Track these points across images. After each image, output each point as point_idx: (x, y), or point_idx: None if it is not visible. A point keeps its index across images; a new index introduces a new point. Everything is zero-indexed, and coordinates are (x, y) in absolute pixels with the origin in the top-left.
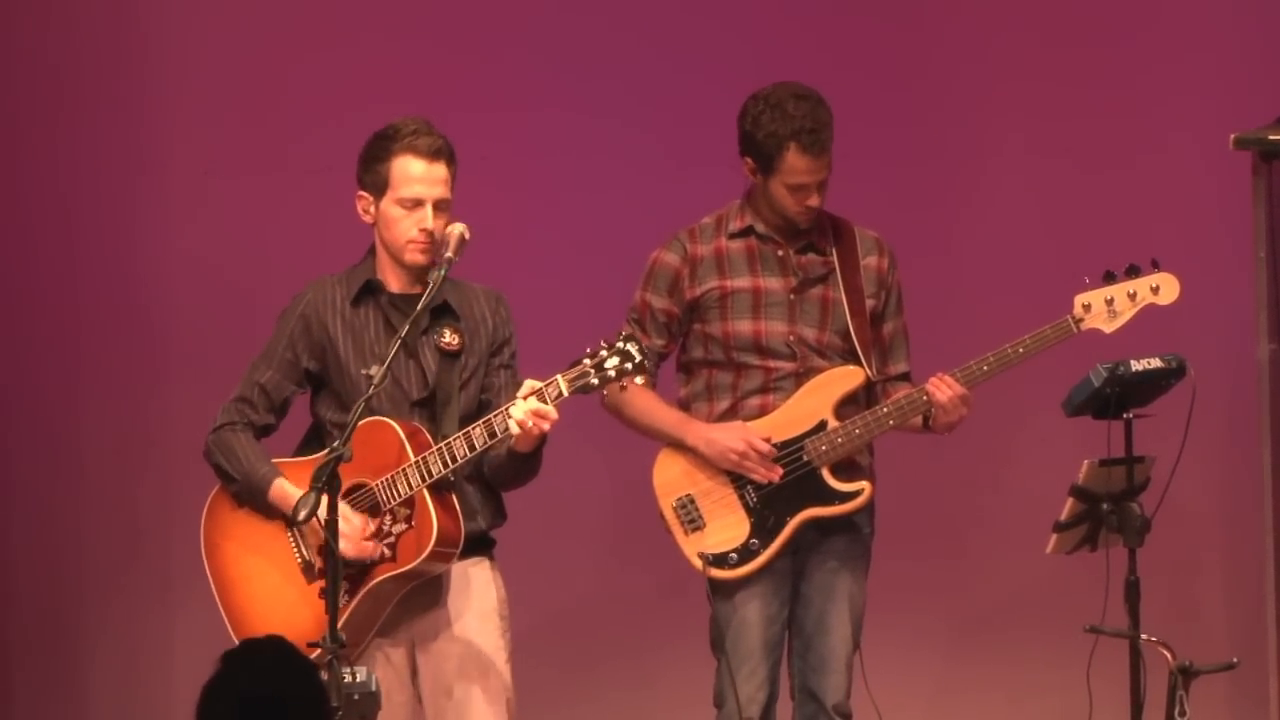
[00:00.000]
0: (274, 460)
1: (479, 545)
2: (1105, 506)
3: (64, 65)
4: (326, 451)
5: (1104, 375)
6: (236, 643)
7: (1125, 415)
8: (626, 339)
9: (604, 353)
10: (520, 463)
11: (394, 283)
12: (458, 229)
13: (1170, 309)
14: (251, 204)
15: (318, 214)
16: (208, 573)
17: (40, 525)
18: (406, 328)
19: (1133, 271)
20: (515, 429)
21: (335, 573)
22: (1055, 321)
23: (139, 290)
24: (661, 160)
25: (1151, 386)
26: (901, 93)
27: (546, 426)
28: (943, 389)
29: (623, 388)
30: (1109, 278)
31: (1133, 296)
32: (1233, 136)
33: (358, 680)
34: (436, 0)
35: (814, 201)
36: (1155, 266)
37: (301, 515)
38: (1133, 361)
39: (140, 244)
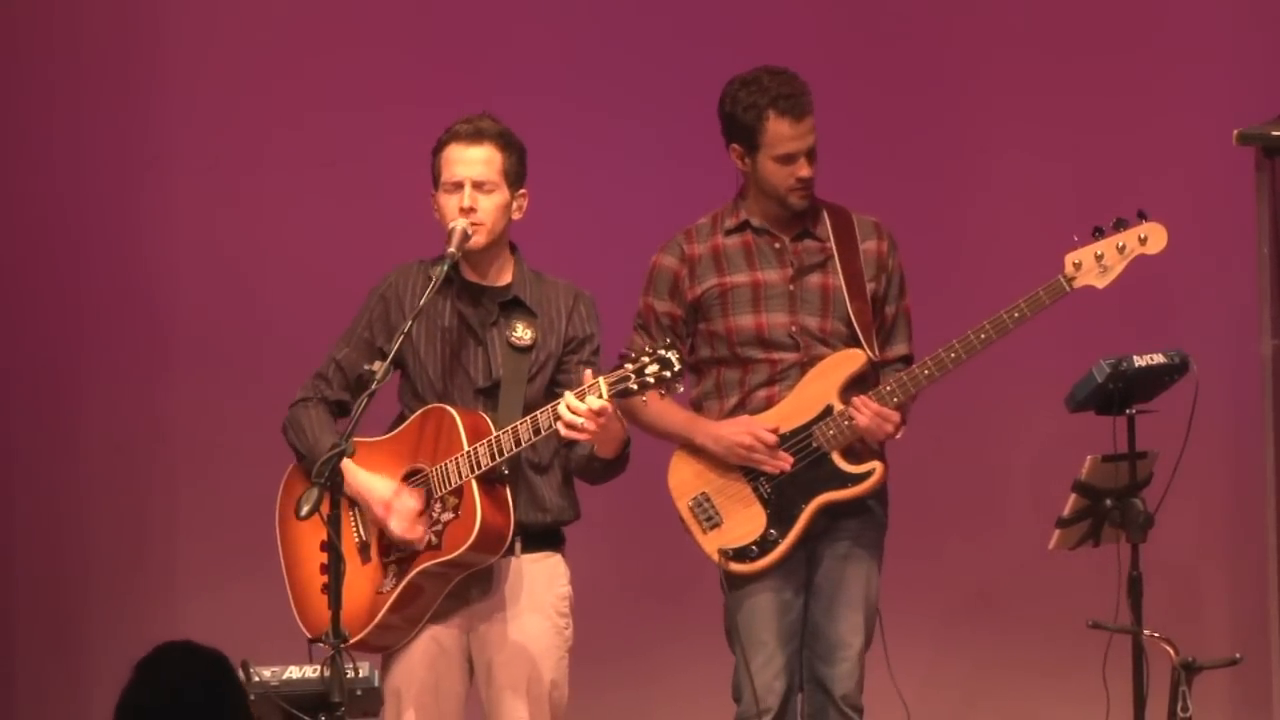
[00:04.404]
0: (355, 440)
1: (548, 539)
2: (1108, 502)
3: (71, 58)
4: (331, 447)
5: (1107, 371)
6: (299, 621)
7: (1128, 411)
8: (669, 347)
9: (645, 359)
10: (602, 465)
11: (469, 272)
12: (460, 225)
13: (1172, 305)
14: (257, 198)
15: (323, 208)
16: (279, 547)
17: (44, 521)
18: (409, 324)
19: (1120, 225)
20: (561, 429)
21: (337, 569)
22: (1047, 283)
23: (144, 285)
24: (669, 162)
25: (1154, 382)
26: (906, 94)
27: (592, 427)
28: (864, 412)
29: (663, 395)
30: (1097, 233)
31: (1122, 249)
32: (1235, 132)
33: (360, 675)
34: None
35: (805, 172)
36: (1142, 217)
37: (303, 511)
38: (1135, 357)
39: (146, 238)
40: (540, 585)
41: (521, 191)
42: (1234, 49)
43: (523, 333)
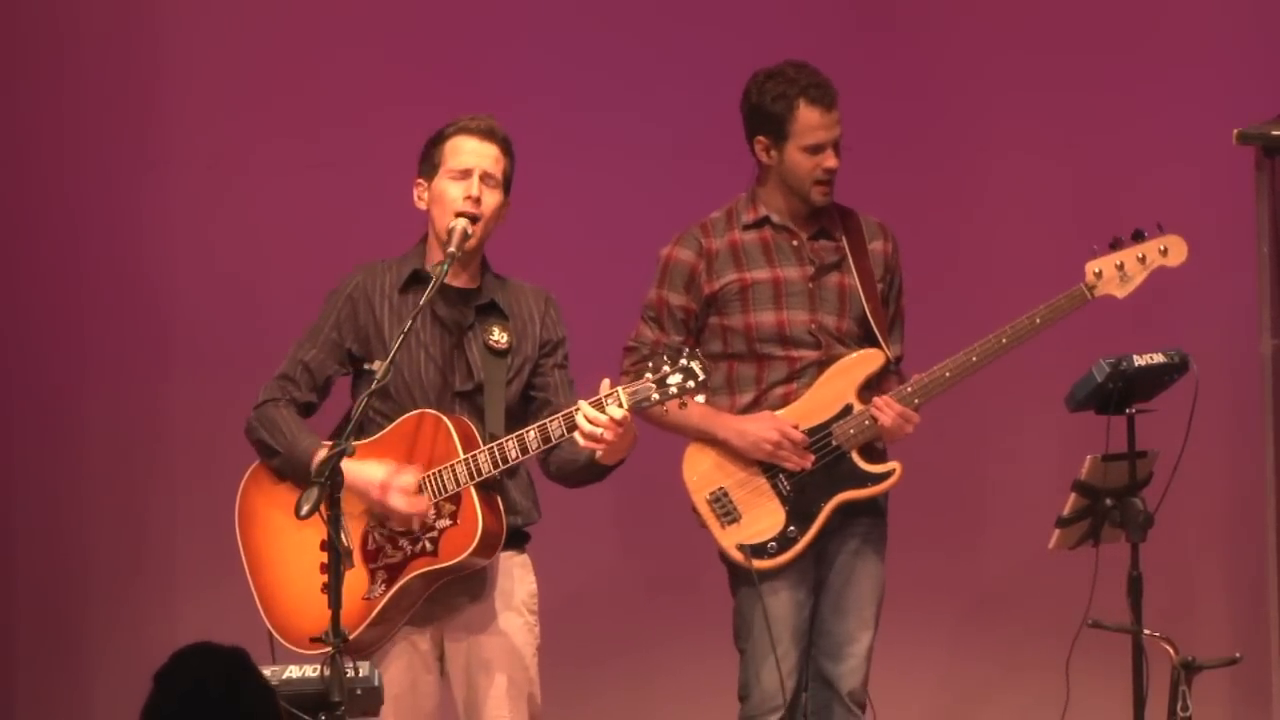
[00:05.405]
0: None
1: (514, 539)
2: (1108, 502)
3: (71, 59)
4: (331, 445)
5: (1107, 370)
6: (267, 622)
7: (1128, 410)
8: (692, 356)
9: (666, 369)
10: (601, 471)
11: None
12: (460, 224)
13: (1172, 304)
14: (257, 198)
15: (322, 208)
16: (240, 550)
17: (44, 523)
18: (410, 323)
19: (1139, 236)
20: (579, 439)
21: (338, 569)
22: (1069, 290)
23: (144, 285)
24: (663, 159)
25: (1154, 381)
26: (906, 93)
27: (610, 438)
28: (887, 412)
29: (683, 405)
30: (1117, 244)
31: (1142, 260)
32: (1235, 132)
33: (360, 675)
34: None
35: (831, 163)
36: (1161, 230)
37: (304, 510)
38: (1135, 356)
39: (146, 239)
40: (514, 584)
41: (507, 200)
42: (1234, 49)
43: (499, 336)
